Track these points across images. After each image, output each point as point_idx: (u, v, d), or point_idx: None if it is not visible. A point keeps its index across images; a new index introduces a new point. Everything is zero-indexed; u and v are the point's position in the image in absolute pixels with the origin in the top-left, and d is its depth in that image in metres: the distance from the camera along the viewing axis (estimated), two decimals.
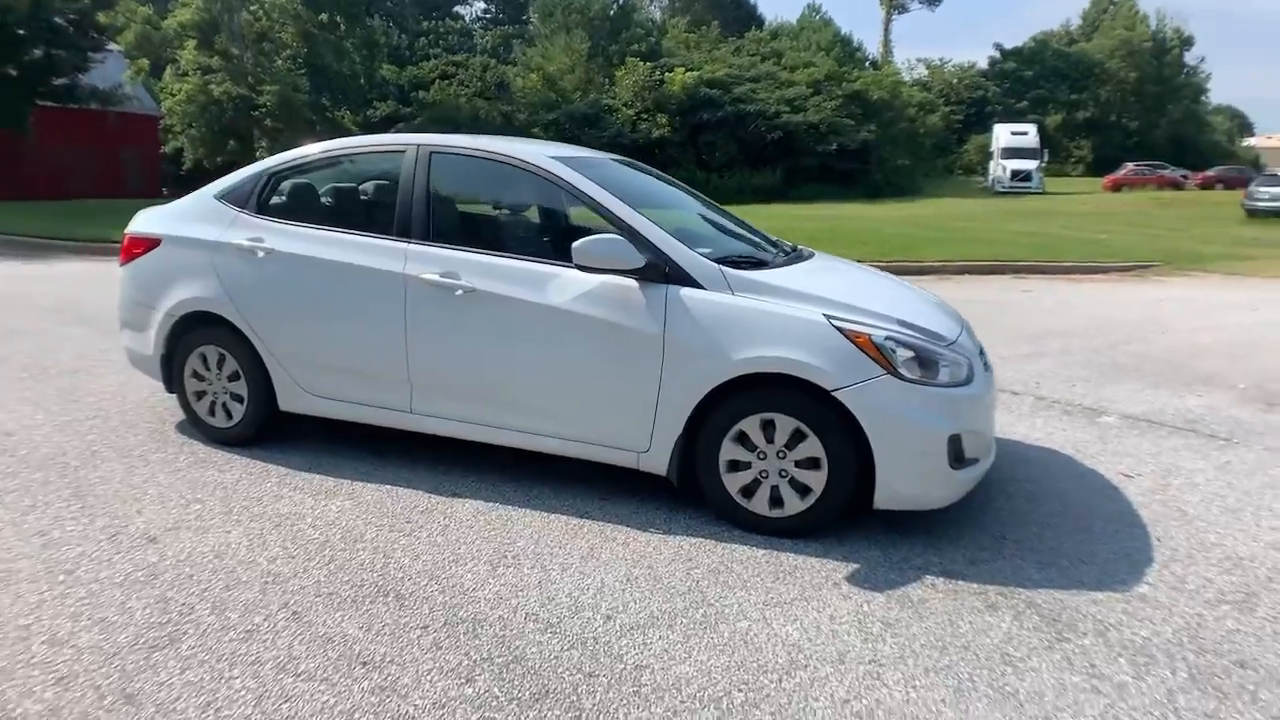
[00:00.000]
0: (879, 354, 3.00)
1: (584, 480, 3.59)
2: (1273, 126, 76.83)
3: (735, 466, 3.17)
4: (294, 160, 4.04)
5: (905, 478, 3.03)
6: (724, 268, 3.22)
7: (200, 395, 4.04)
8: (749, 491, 3.17)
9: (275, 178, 4.01)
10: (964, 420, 3.09)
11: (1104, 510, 3.59)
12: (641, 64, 32.44)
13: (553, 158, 3.57)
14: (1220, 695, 2.31)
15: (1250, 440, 4.57)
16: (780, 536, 3.16)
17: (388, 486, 3.55)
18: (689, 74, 32.27)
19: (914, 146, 40.38)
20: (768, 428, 3.10)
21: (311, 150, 4.04)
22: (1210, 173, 38.28)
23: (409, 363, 3.55)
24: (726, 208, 4.69)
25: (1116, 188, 36.77)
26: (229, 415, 4.00)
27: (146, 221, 4.21)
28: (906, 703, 2.25)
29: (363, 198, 4.17)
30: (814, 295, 3.20)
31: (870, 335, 3.03)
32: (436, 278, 3.45)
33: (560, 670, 2.33)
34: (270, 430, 4.00)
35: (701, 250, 3.32)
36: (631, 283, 3.19)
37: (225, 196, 4.04)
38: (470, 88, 34.67)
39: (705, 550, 3.06)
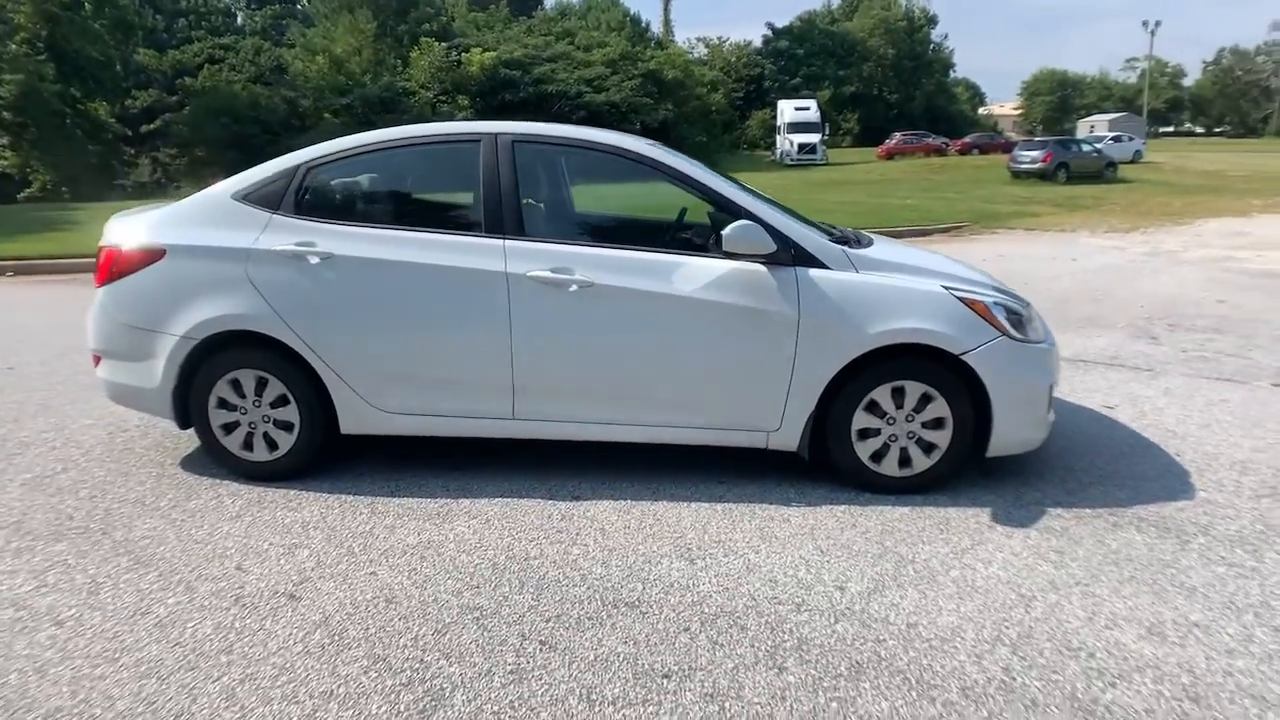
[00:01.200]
0: (992, 318, 3.31)
1: (680, 466, 3.64)
2: (1002, 96, 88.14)
3: (865, 434, 3.37)
4: (334, 153, 3.59)
5: (1016, 427, 3.38)
6: (844, 248, 3.37)
7: (231, 427, 3.53)
8: (879, 456, 3.39)
9: (313, 173, 3.57)
10: (1053, 372, 3.49)
11: (1118, 437, 4.17)
12: (437, 44, 31.34)
13: (650, 144, 3.54)
14: None
15: (1168, 369, 5.43)
16: (907, 494, 3.40)
17: (497, 500, 3.37)
18: (487, 54, 31.64)
19: (707, 124, 42.26)
20: (897, 394, 3.32)
21: (355, 141, 3.63)
22: (966, 139, 43.40)
23: (514, 366, 3.36)
24: None
25: (890, 156, 40.63)
26: (273, 446, 3.54)
27: (134, 231, 3.56)
28: (1134, 609, 2.58)
29: (427, 193, 3.87)
30: (922, 269, 3.45)
31: (984, 301, 3.33)
32: (547, 274, 3.30)
33: (850, 642, 2.42)
34: (325, 458, 3.64)
35: None
36: (759, 267, 3.27)
37: (249, 197, 3.53)
38: (243, 73, 31.79)
39: (857, 516, 3.24)
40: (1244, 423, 4.37)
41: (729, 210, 3.39)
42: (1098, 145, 27.50)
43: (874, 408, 3.35)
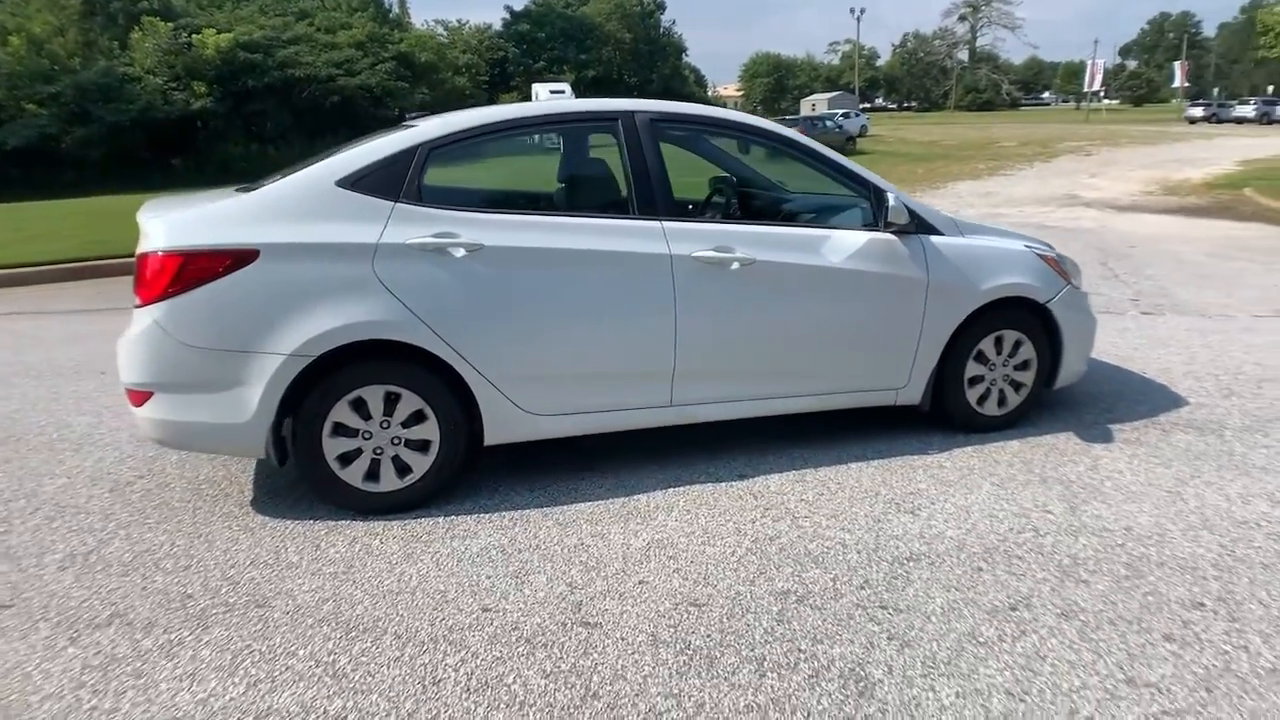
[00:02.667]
0: (1061, 270, 3.90)
1: (788, 434, 3.86)
2: (722, 79, 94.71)
3: (974, 381, 3.82)
4: (457, 132, 3.23)
5: (1076, 361, 4.02)
6: (952, 216, 3.77)
7: (351, 457, 3.09)
8: (982, 399, 3.86)
9: (435, 155, 3.18)
10: (1094, 314, 4.16)
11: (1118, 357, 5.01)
12: (162, 24, 27.60)
13: (773, 124, 3.67)
14: None
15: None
16: (1002, 430, 3.90)
17: (669, 491, 3.34)
18: (223, 36, 28.44)
19: (462, 108, 41.31)
20: (997, 343, 3.81)
21: (478, 119, 3.31)
22: None
23: (677, 350, 3.33)
24: None
25: None
26: (404, 471, 3.15)
27: (200, 230, 2.96)
28: (1246, 488, 3.27)
29: (562, 173, 3.67)
30: (1002, 230, 3.95)
31: (1053, 256, 3.90)
32: (711, 254, 3.30)
33: (1106, 550, 2.85)
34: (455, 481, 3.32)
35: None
36: (892, 237, 3.56)
37: (359, 183, 3.07)
38: None
39: (988, 454, 3.68)
40: (1154, 343, 5.41)
41: (862, 186, 3.64)
42: (840, 121, 30.74)
43: (980, 357, 3.79)
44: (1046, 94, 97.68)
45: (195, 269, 2.90)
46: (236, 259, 2.91)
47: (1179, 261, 8.37)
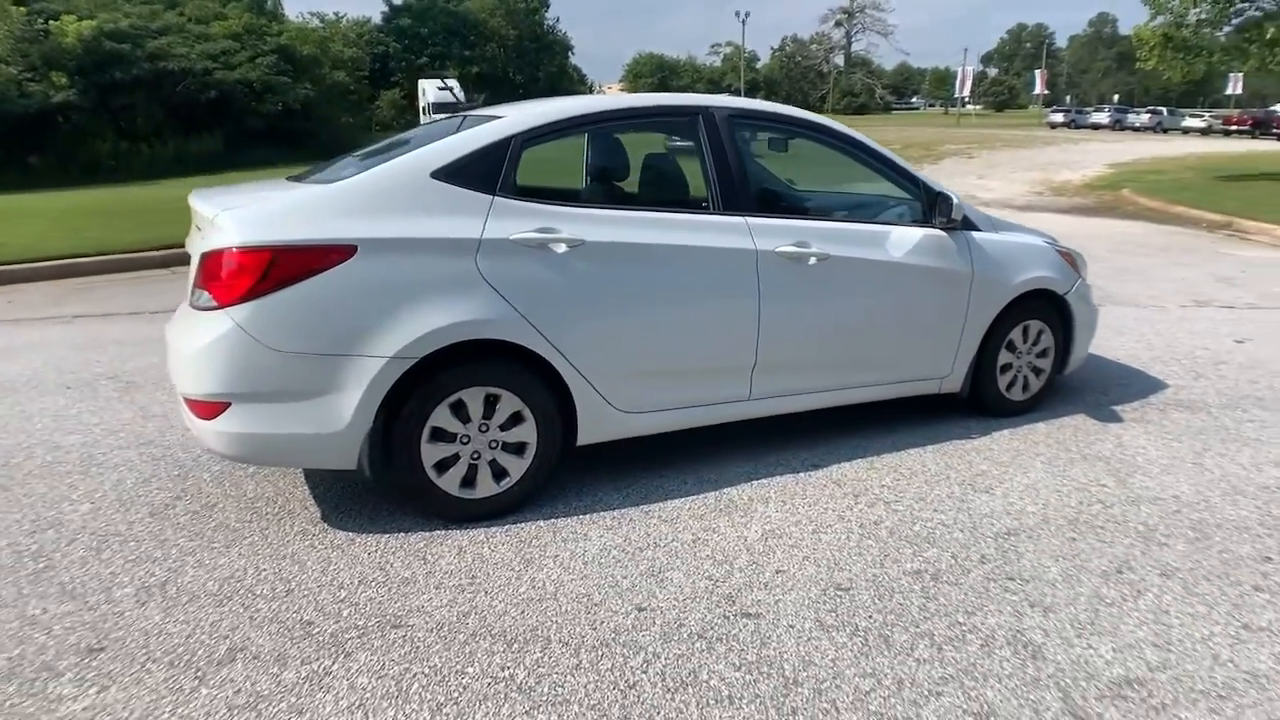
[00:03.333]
0: (1075, 264, 4.22)
1: (837, 425, 4.02)
2: (604, 79, 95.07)
3: (1005, 369, 4.08)
4: (547, 124, 3.17)
5: (1082, 347, 4.36)
6: (987, 213, 4.00)
7: (448, 463, 2.99)
8: (1010, 385, 4.13)
9: (527, 147, 3.10)
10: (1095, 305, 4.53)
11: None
12: (14, 9, 25.23)
13: (840, 125, 3.79)
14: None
15: None
16: (1022, 414, 4.19)
17: (756, 484, 3.40)
18: (85, 23, 26.31)
19: (347, 104, 39.90)
20: (1023, 332, 4.08)
21: (566, 111, 3.27)
22: None
23: (759, 344, 3.40)
24: (167, 181, 5.24)
25: None
26: (500, 476, 3.07)
27: (285, 224, 2.76)
28: (1255, 458, 3.67)
29: (645, 168, 3.67)
30: (1024, 227, 4.22)
31: (1069, 252, 4.22)
32: (792, 249, 3.39)
33: (1168, 516, 3.15)
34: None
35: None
36: (942, 232, 3.76)
37: (455, 175, 2.95)
38: None
39: (1023, 436, 3.95)
40: (1112, 332, 5.89)
41: (914, 184, 3.83)
42: None
43: (1010, 345, 4.06)
44: (916, 99, 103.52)
45: (286, 266, 2.70)
46: (332, 255, 2.74)
47: (1091, 257, 8.97)
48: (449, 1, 58.58)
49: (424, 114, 42.41)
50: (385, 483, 3.17)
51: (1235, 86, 43.57)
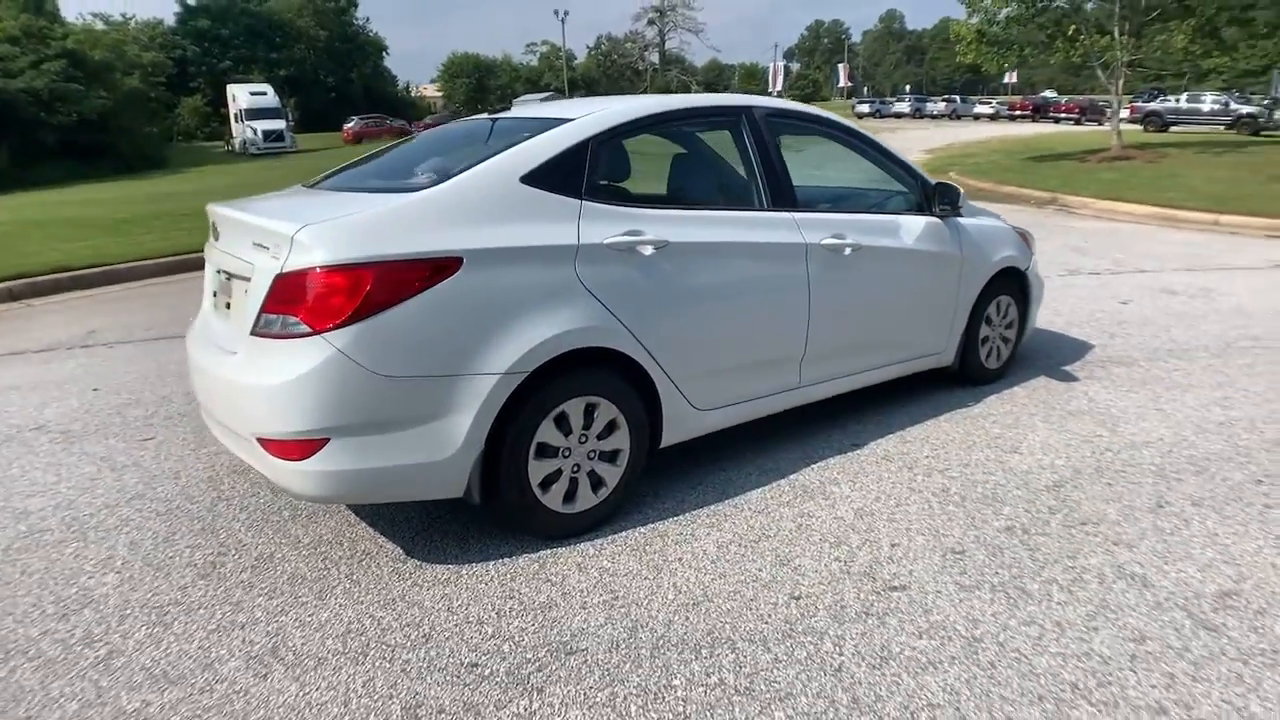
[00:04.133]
0: (1027, 242, 4.72)
1: (845, 406, 4.30)
2: (417, 78, 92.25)
3: (983, 342, 4.51)
4: (616, 125, 3.14)
5: (1035, 317, 4.89)
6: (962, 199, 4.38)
7: (552, 479, 2.91)
8: (988, 356, 4.57)
9: (602, 149, 3.07)
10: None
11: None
12: None
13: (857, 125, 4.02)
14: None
15: None
16: (995, 382, 4.64)
17: (814, 468, 3.57)
18: None
19: (147, 113, 36.56)
20: (998, 307, 4.53)
21: (632, 111, 3.24)
22: (428, 120, 45.12)
23: (809, 334, 3.57)
24: None
25: (358, 139, 40.32)
26: (598, 486, 3.03)
27: (387, 236, 2.57)
28: (1200, 400, 4.28)
29: (699, 167, 3.71)
30: (985, 211, 4.66)
31: (1024, 232, 4.71)
32: (833, 241, 3.58)
33: (1165, 456, 3.63)
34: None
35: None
36: (938, 220, 4.10)
37: (542, 180, 2.88)
38: None
39: (1006, 402, 4.39)
40: None
41: (913, 176, 4.15)
42: None
43: (987, 320, 4.49)
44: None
45: (389, 284, 2.52)
46: (437, 269, 2.59)
47: None
48: (250, 1, 54.76)
49: (235, 121, 39.57)
50: (486, 508, 3.05)
51: (1011, 76, 48.77)
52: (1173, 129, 30.26)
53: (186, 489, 3.59)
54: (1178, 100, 32.16)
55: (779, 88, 56.16)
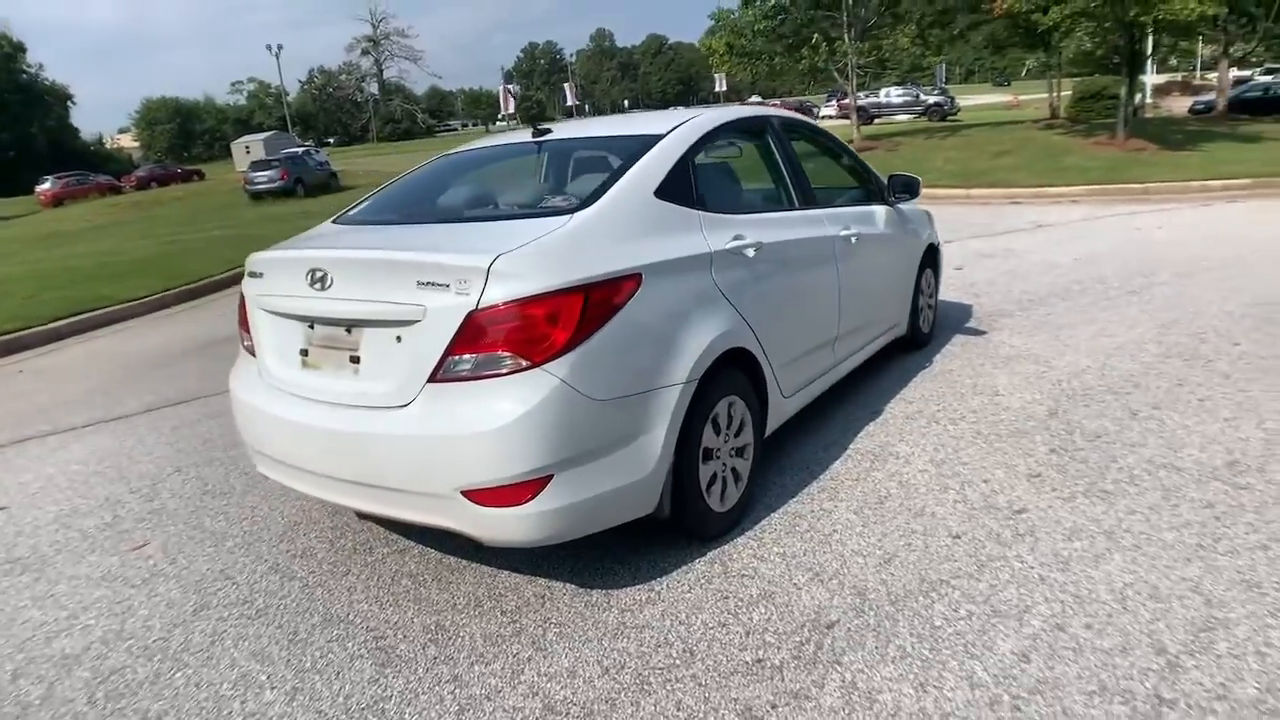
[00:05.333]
0: (930, 221, 5.53)
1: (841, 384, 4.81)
2: (109, 126, 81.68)
3: (921, 310, 5.23)
4: (698, 138, 3.30)
5: (939, 286, 5.74)
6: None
7: (711, 481, 3.01)
8: (923, 323, 5.31)
9: (694, 160, 3.23)
10: None
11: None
12: None
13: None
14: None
15: None
16: (931, 342, 5.42)
17: (860, 443, 3.97)
18: None
19: None
20: (926, 279, 5.27)
21: (706, 124, 3.44)
22: (140, 173, 40.36)
23: (840, 317, 3.96)
24: None
25: (58, 202, 35.25)
26: (738, 481, 3.17)
27: (583, 258, 2.57)
28: (1090, 342, 5.31)
29: (756, 173, 3.92)
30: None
31: (928, 211, 5.52)
32: (845, 232, 4.03)
33: (1147, 373, 4.51)
34: None
35: None
36: (890, 207, 4.71)
37: (668, 193, 2.98)
38: None
39: (962, 352, 5.14)
40: None
41: (869, 173, 4.71)
42: (320, 159, 30.01)
43: (921, 291, 5.21)
44: (454, 120, 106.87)
45: (597, 307, 2.51)
46: (626, 286, 2.61)
47: None
48: None
49: None
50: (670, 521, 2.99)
51: (720, 85, 53.17)
52: (876, 120, 34.92)
53: (256, 584, 3.20)
54: (869, 95, 37.13)
55: (510, 110, 56.84)
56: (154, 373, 6.56)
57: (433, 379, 2.50)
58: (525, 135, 3.77)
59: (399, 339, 2.56)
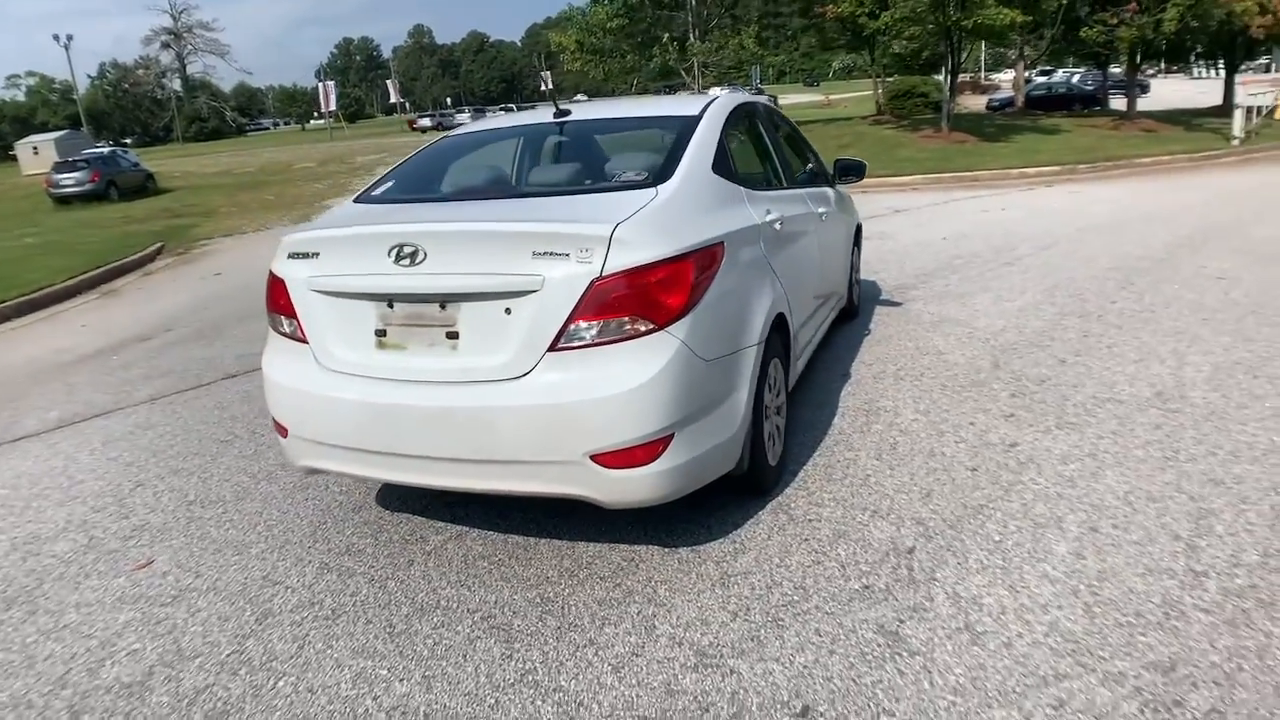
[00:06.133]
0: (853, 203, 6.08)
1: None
2: None
3: (854, 284, 5.74)
4: (725, 118, 3.53)
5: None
6: None
7: (770, 440, 3.26)
8: (856, 294, 5.83)
9: (724, 140, 3.42)
10: None
11: None
12: None
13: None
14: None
15: None
16: (858, 315, 5.96)
17: (849, 400, 4.34)
18: None
19: None
20: (855, 254, 5.78)
21: (728, 105, 3.69)
22: None
23: (819, 288, 4.33)
24: None
25: None
26: (780, 438, 3.44)
27: (684, 229, 2.71)
28: (993, 287, 6.05)
29: (762, 153, 4.13)
30: None
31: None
32: (820, 210, 4.43)
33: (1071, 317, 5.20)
34: None
35: None
36: (831, 188, 5.14)
37: (719, 170, 3.20)
38: None
39: (900, 316, 5.69)
40: None
41: (816, 156, 5.10)
42: (133, 160, 27.35)
43: (853, 266, 5.72)
44: (264, 119, 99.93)
45: (703, 272, 2.69)
46: (717, 254, 2.81)
47: None
48: None
49: None
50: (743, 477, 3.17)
51: (547, 84, 53.38)
52: None
53: (314, 585, 3.03)
54: (694, 94, 38.56)
55: (332, 107, 54.15)
56: (34, 389, 5.94)
57: (553, 348, 2.52)
58: (536, 116, 3.88)
59: (508, 310, 2.56)
